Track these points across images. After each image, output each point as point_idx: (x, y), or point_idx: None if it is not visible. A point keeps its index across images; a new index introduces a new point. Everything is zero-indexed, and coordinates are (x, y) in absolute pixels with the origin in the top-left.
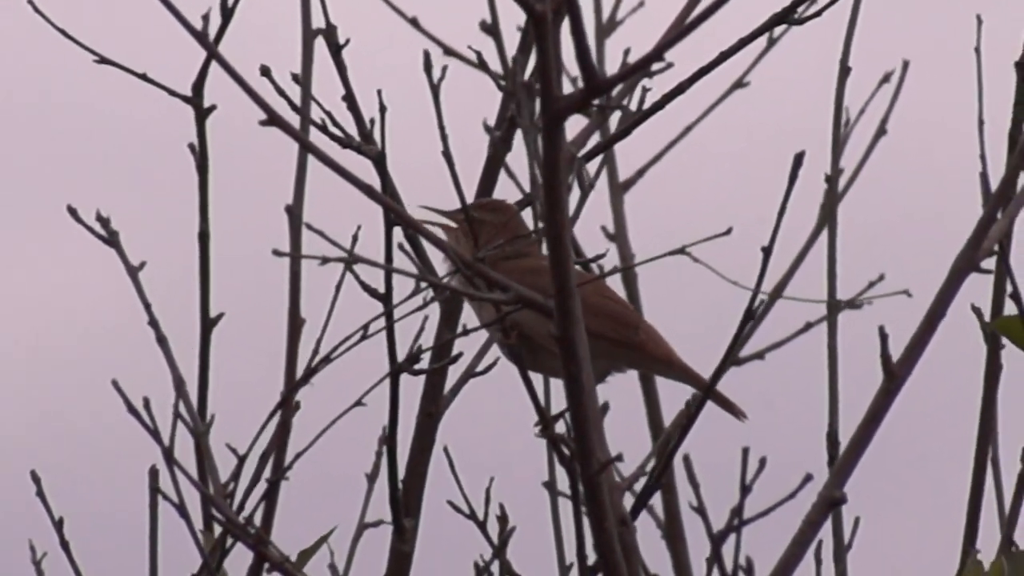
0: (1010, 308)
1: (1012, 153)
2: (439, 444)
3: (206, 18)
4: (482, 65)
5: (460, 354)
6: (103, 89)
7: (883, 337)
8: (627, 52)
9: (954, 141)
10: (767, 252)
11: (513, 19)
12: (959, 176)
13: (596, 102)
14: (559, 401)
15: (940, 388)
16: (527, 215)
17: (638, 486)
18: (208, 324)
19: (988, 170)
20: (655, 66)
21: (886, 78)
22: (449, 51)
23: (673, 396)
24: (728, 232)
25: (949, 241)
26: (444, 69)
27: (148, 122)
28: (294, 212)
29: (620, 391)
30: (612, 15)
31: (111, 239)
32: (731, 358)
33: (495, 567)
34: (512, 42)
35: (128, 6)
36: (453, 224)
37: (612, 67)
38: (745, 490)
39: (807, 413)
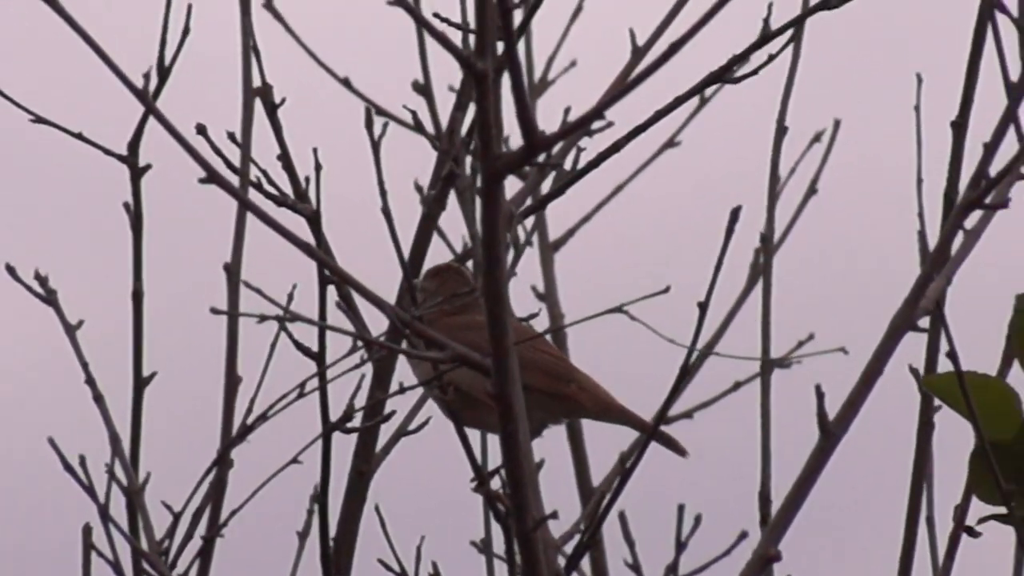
0: (944, 365)
1: (948, 213)
2: (371, 502)
3: (147, 76)
4: (417, 125)
5: (393, 412)
6: (39, 147)
7: (819, 395)
8: (567, 111)
9: (888, 200)
10: (703, 307)
11: (445, 78)
12: (892, 236)
13: (536, 161)
14: (494, 457)
15: (874, 445)
16: None
17: (569, 545)
18: (141, 383)
19: (926, 228)
20: (595, 124)
21: (817, 137)
22: (382, 112)
23: (601, 453)
24: (667, 290)
25: (882, 300)
26: (384, 126)
27: (84, 180)
28: (232, 270)
29: (550, 447)
30: (544, 75)
31: (49, 298)
32: (667, 411)
33: None
34: (444, 102)
35: (65, 63)
36: None
37: (544, 126)
38: (680, 547)
39: (739, 471)
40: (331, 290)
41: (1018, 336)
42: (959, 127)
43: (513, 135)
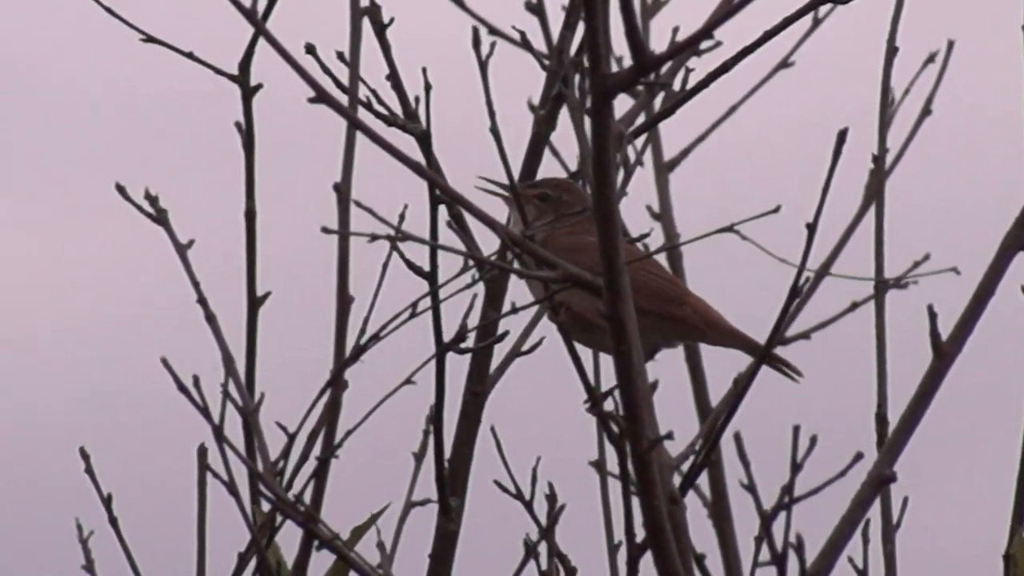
0: None
1: None
2: (485, 423)
3: None
4: (526, 44)
5: (506, 333)
6: (150, 67)
7: (932, 316)
8: (676, 31)
9: (1001, 120)
10: (812, 229)
11: None
12: (1005, 155)
13: (645, 80)
14: (608, 378)
15: (987, 366)
16: None
17: (685, 465)
18: (255, 303)
19: None
20: (703, 44)
21: (931, 58)
22: (493, 30)
23: (719, 374)
24: (777, 210)
25: (996, 221)
26: (492, 45)
27: (195, 100)
28: (342, 190)
29: (667, 369)
30: None
31: (159, 217)
32: (778, 334)
33: (543, 547)
34: (556, 22)
35: None
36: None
37: (655, 48)
38: (796, 468)
39: (852, 393)
40: (442, 210)
41: None
42: None
43: (623, 56)
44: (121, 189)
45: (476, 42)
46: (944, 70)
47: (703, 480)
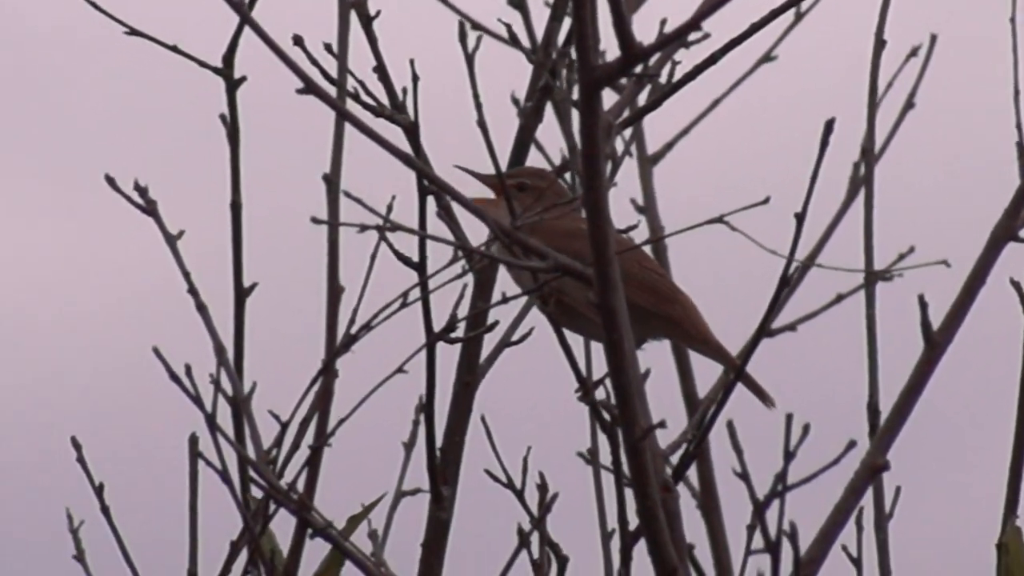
0: None
1: None
2: (476, 413)
3: None
4: (512, 38)
5: (496, 323)
6: (135, 59)
7: (923, 305)
8: (663, 23)
9: (986, 113)
10: (800, 218)
11: None
12: (991, 147)
13: (634, 71)
14: (598, 367)
15: (977, 356)
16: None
17: (675, 456)
18: (242, 293)
19: None
20: (691, 36)
21: (914, 52)
22: (477, 26)
23: (707, 362)
24: (766, 201)
25: (982, 213)
26: (478, 39)
27: (181, 91)
28: (332, 180)
29: (653, 359)
30: None
31: (149, 208)
32: (766, 327)
33: (534, 536)
34: (538, 17)
35: None
36: (492, 195)
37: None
38: (789, 456)
39: (845, 383)
40: (430, 200)
41: None
42: None
43: (609, 50)
44: (111, 180)
45: (463, 36)
46: (927, 63)
47: (691, 472)
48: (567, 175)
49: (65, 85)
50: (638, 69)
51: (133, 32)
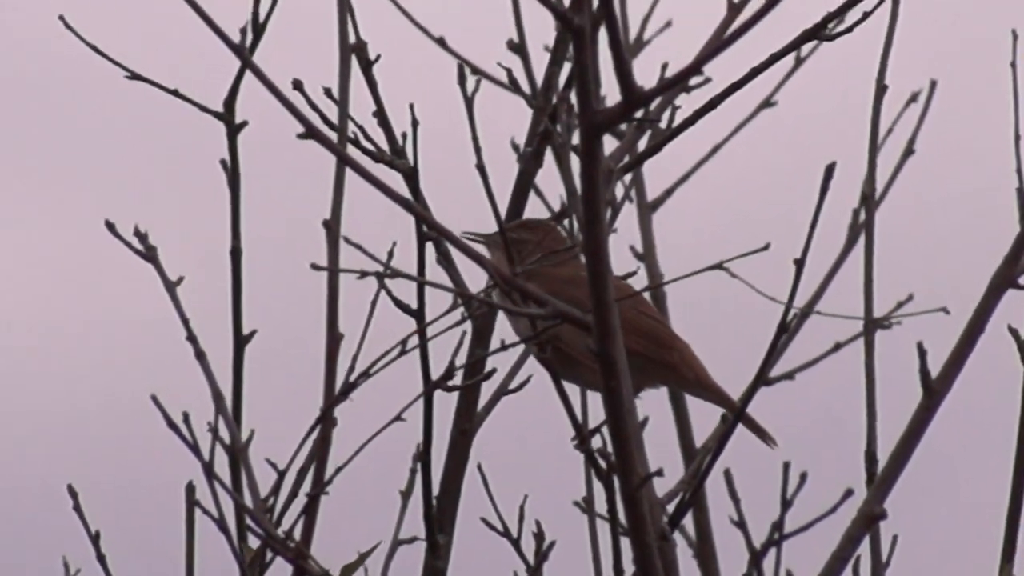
0: None
1: None
2: (473, 461)
3: (243, 31)
4: (512, 82)
5: (493, 371)
6: (136, 104)
7: (922, 353)
8: (664, 67)
9: (987, 159)
10: (800, 264)
11: (539, 38)
12: (991, 194)
13: (635, 116)
14: (595, 415)
15: (976, 404)
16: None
17: (671, 505)
18: (241, 341)
19: None
20: (693, 80)
21: (914, 97)
22: (477, 70)
23: (704, 411)
24: (766, 247)
25: (981, 260)
26: (478, 82)
27: (182, 136)
28: (332, 227)
29: (650, 408)
30: (639, 35)
31: (149, 254)
32: (764, 374)
33: None
34: (539, 61)
35: (161, 19)
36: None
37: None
38: (786, 504)
39: (838, 432)
40: (430, 247)
41: None
42: None
43: (609, 95)
44: (111, 226)
45: (462, 79)
46: (927, 109)
47: (688, 521)
48: (566, 221)
49: (65, 129)
50: (639, 114)
51: (134, 76)
